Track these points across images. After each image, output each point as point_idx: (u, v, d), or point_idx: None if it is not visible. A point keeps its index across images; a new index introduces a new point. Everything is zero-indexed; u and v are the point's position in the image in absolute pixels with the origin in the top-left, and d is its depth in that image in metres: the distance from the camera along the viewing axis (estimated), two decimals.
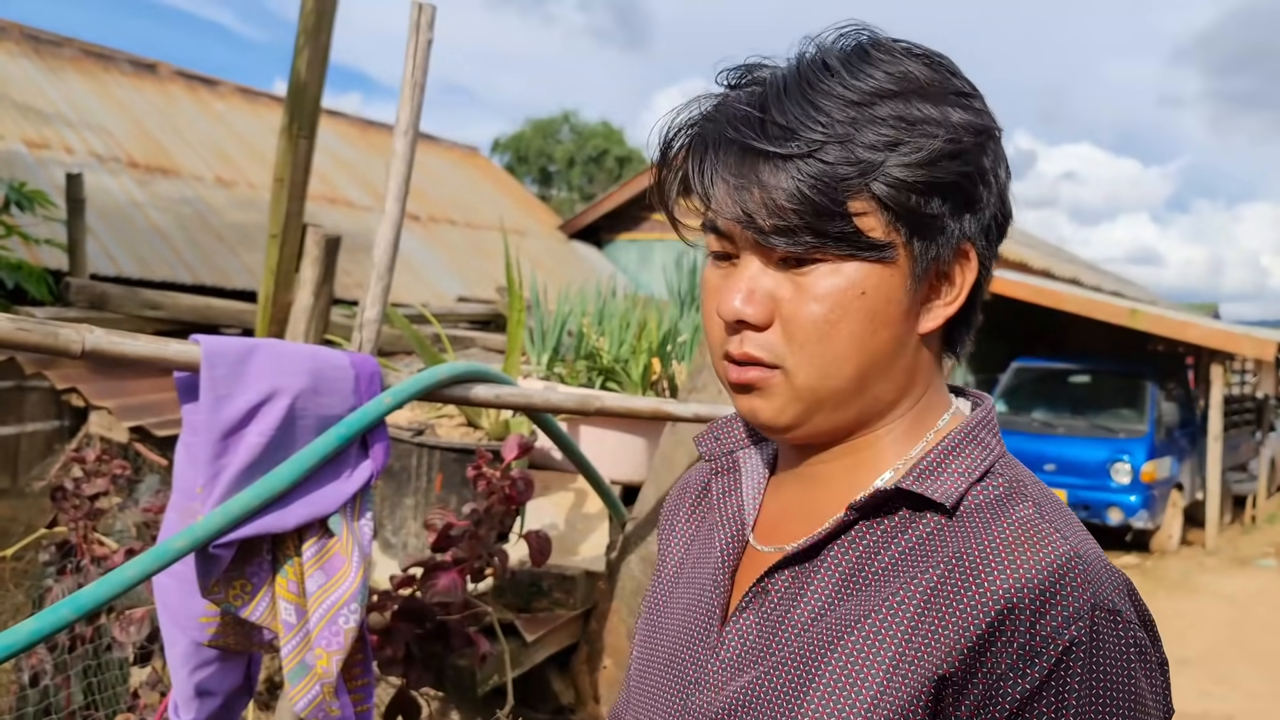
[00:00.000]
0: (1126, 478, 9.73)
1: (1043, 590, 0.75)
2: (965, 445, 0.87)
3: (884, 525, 0.84)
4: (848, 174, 0.79)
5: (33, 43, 10.09)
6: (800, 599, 0.85)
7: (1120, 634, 0.77)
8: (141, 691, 2.57)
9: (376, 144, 12.98)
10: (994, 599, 0.76)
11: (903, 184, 0.80)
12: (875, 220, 0.81)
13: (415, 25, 1.98)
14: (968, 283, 0.86)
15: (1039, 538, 0.79)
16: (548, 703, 2.92)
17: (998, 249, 0.89)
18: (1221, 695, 6.26)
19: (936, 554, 0.80)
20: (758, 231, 0.81)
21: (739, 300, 0.84)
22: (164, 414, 3.37)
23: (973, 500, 0.83)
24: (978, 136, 0.83)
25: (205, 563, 1.71)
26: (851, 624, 0.81)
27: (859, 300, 0.82)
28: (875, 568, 0.83)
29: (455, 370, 2.03)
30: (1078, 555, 0.78)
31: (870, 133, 0.79)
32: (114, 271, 7.46)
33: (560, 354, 3.53)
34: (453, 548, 2.33)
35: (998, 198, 0.86)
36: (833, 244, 0.81)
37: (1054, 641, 0.74)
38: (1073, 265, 16.30)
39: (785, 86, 0.82)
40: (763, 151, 0.80)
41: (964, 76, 0.86)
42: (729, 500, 0.97)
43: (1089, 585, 0.77)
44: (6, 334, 1.52)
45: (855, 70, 0.81)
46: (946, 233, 0.83)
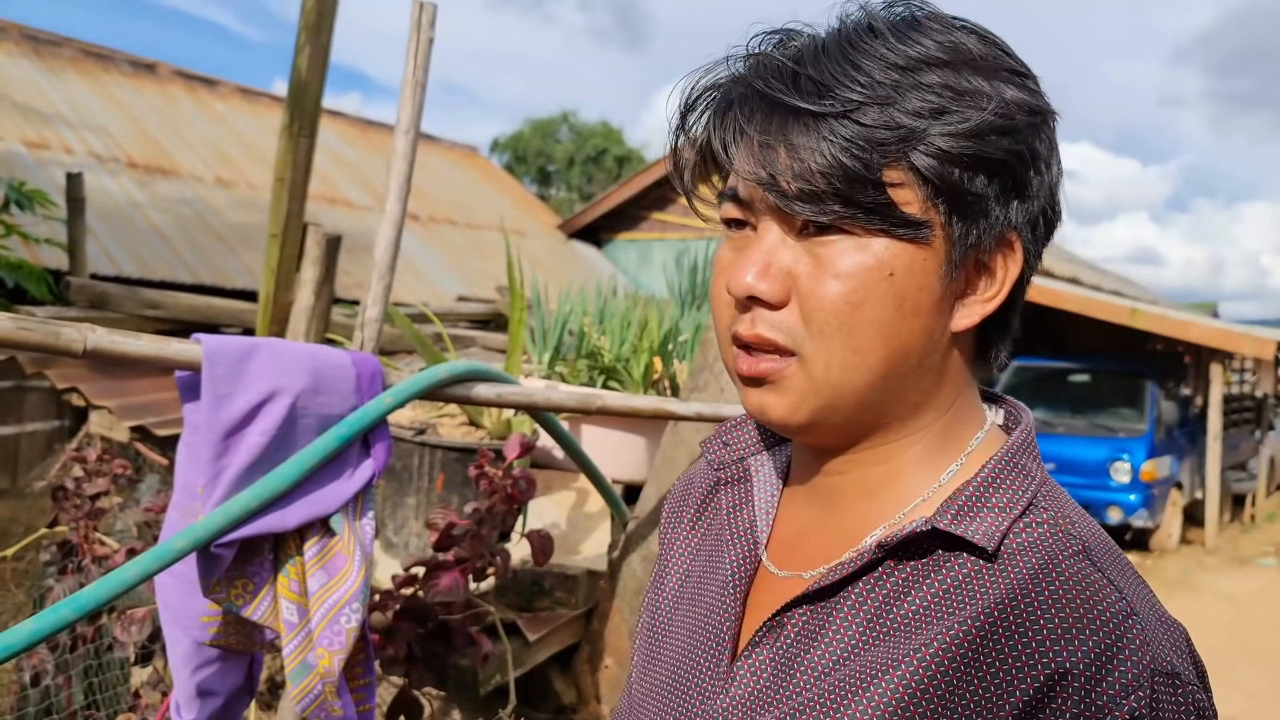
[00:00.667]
0: (1126, 477, 9.74)
1: (1098, 654, 0.68)
2: (1006, 476, 0.78)
3: (914, 564, 0.76)
4: (885, 139, 0.71)
5: (32, 43, 10.08)
6: (819, 639, 0.77)
7: (1181, 699, 0.70)
8: (143, 691, 2.56)
9: (376, 144, 12.98)
10: (1044, 660, 0.69)
11: (946, 155, 0.72)
12: (912, 193, 0.72)
13: (416, 24, 1.98)
14: (1010, 278, 0.77)
15: (1092, 593, 0.71)
16: (549, 702, 2.92)
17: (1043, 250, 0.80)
18: (1222, 695, 6.24)
19: (976, 602, 0.72)
20: (780, 195, 0.73)
21: (752, 274, 0.75)
22: (164, 413, 3.37)
23: (1015, 541, 0.75)
24: (1032, 116, 0.75)
25: (207, 562, 1.71)
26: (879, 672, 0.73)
27: (886, 282, 0.73)
28: (904, 610, 0.75)
29: (457, 369, 2.02)
30: (1134, 614, 0.71)
31: (914, 98, 0.72)
32: (113, 271, 7.45)
33: (561, 353, 3.53)
34: (455, 547, 2.33)
35: (1048, 189, 0.78)
36: (863, 215, 0.72)
37: (1112, 711, 0.68)
38: (1073, 264, 16.30)
39: (824, 46, 0.74)
40: (793, 108, 0.72)
41: (1018, 56, 0.78)
42: (740, 515, 0.88)
43: (1147, 648, 0.70)
44: (8, 333, 1.52)
45: (902, 35, 0.74)
46: (990, 217, 0.75)
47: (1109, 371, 10.92)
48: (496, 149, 30.88)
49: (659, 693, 0.87)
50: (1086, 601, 0.71)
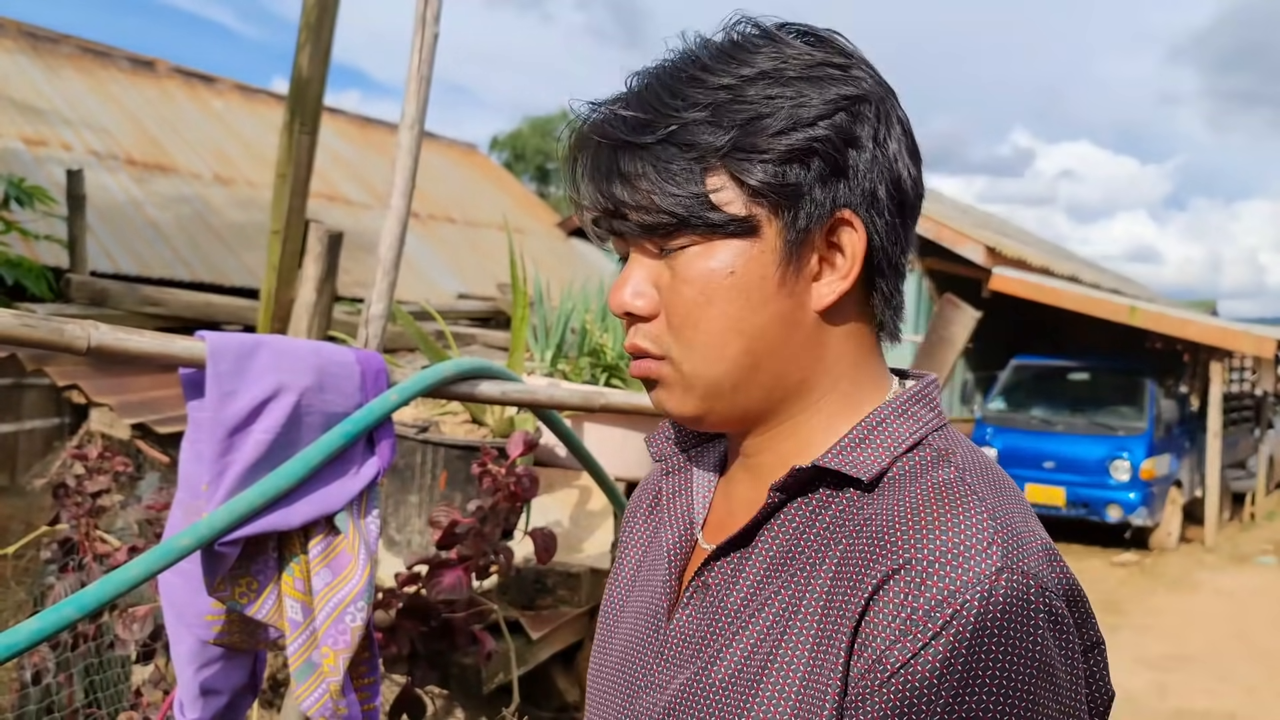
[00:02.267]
0: (1125, 475, 9.75)
1: (944, 550, 0.72)
2: (892, 419, 0.84)
3: (811, 505, 0.83)
4: (700, 152, 0.79)
5: (30, 40, 10.05)
6: (735, 584, 0.84)
7: (1030, 599, 0.72)
8: (144, 689, 2.55)
9: (375, 142, 12.96)
10: (891, 557, 0.73)
11: (756, 155, 0.79)
12: (733, 195, 0.80)
13: (421, 19, 1.97)
14: (858, 252, 0.82)
15: (951, 498, 0.76)
16: (552, 700, 2.91)
17: (901, 219, 0.85)
18: (1222, 692, 6.26)
19: (851, 524, 0.79)
20: (622, 222, 0.82)
21: (626, 293, 0.85)
22: (165, 411, 3.36)
23: (895, 472, 0.81)
24: (847, 103, 0.81)
25: (211, 560, 1.70)
26: (770, 600, 0.80)
27: (729, 280, 0.81)
28: (801, 547, 0.81)
29: (461, 367, 2.02)
30: (992, 517, 0.74)
31: (730, 112, 0.79)
32: (112, 269, 7.43)
33: (564, 351, 3.52)
34: (457, 545, 2.32)
35: (881, 163, 0.82)
36: (693, 225, 0.80)
37: (947, 603, 0.70)
38: (1071, 263, 16.30)
39: (648, 82, 0.83)
40: (622, 143, 0.81)
41: (848, 50, 0.84)
42: (678, 500, 0.96)
43: (999, 546, 0.73)
44: (12, 330, 1.51)
45: (723, 57, 0.81)
46: (814, 201, 0.80)
47: (1108, 370, 10.93)
48: (495, 147, 30.85)
49: (610, 671, 0.94)
50: (943, 505, 0.75)
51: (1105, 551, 10.04)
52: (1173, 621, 7.73)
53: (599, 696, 0.95)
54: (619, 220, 0.83)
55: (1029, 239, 17.01)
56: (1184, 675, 6.51)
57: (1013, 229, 18.03)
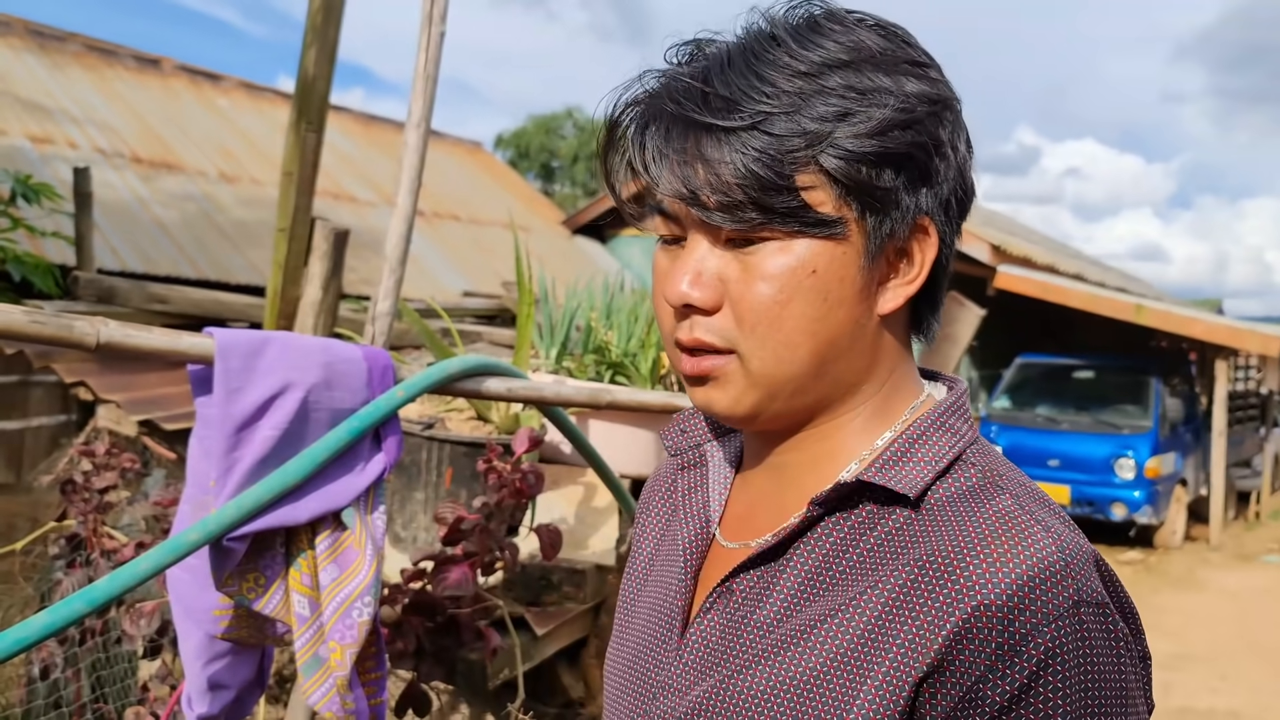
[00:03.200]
0: (1130, 473, 9.74)
1: (1021, 586, 0.72)
2: (932, 432, 0.83)
3: (851, 521, 0.81)
4: (794, 146, 0.76)
5: (37, 38, 10.07)
6: (765, 599, 0.82)
7: (1108, 629, 0.74)
8: (151, 684, 2.57)
9: (380, 140, 12.97)
10: (968, 596, 0.72)
11: (852, 155, 0.76)
12: (825, 194, 0.77)
13: (428, 17, 1.98)
14: (928, 260, 0.82)
15: (1017, 531, 0.75)
16: (557, 697, 2.92)
17: (960, 227, 0.86)
18: (1226, 691, 6.25)
19: (906, 550, 0.77)
20: (701, 209, 0.78)
21: (685, 283, 0.80)
22: (172, 408, 3.37)
23: (944, 492, 0.79)
24: (933, 106, 0.79)
25: (219, 556, 1.71)
26: (817, 623, 0.78)
27: (810, 279, 0.78)
28: (842, 566, 0.79)
29: (467, 364, 2.02)
30: (1060, 548, 0.74)
31: (819, 103, 0.76)
32: (118, 266, 7.45)
33: (569, 348, 3.53)
34: (463, 541, 2.33)
35: (956, 171, 0.82)
36: (780, 220, 0.77)
37: (1034, 640, 0.71)
38: (1077, 261, 16.28)
39: (729, 59, 0.79)
40: (705, 125, 0.77)
41: (920, 46, 0.83)
42: (694, 496, 0.94)
43: (1072, 580, 0.73)
44: (22, 327, 1.52)
45: (804, 40, 0.78)
46: (901, 207, 0.79)
47: (1113, 368, 10.91)
48: (500, 145, 30.85)
49: (624, 668, 0.93)
50: (1011, 539, 0.74)
51: (1110, 550, 10.03)
52: (1177, 620, 7.72)
53: (616, 691, 0.94)
54: (695, 206, 0.78)
55: (1034, 237, 16.99)
56: (1188, 674, 6.51)
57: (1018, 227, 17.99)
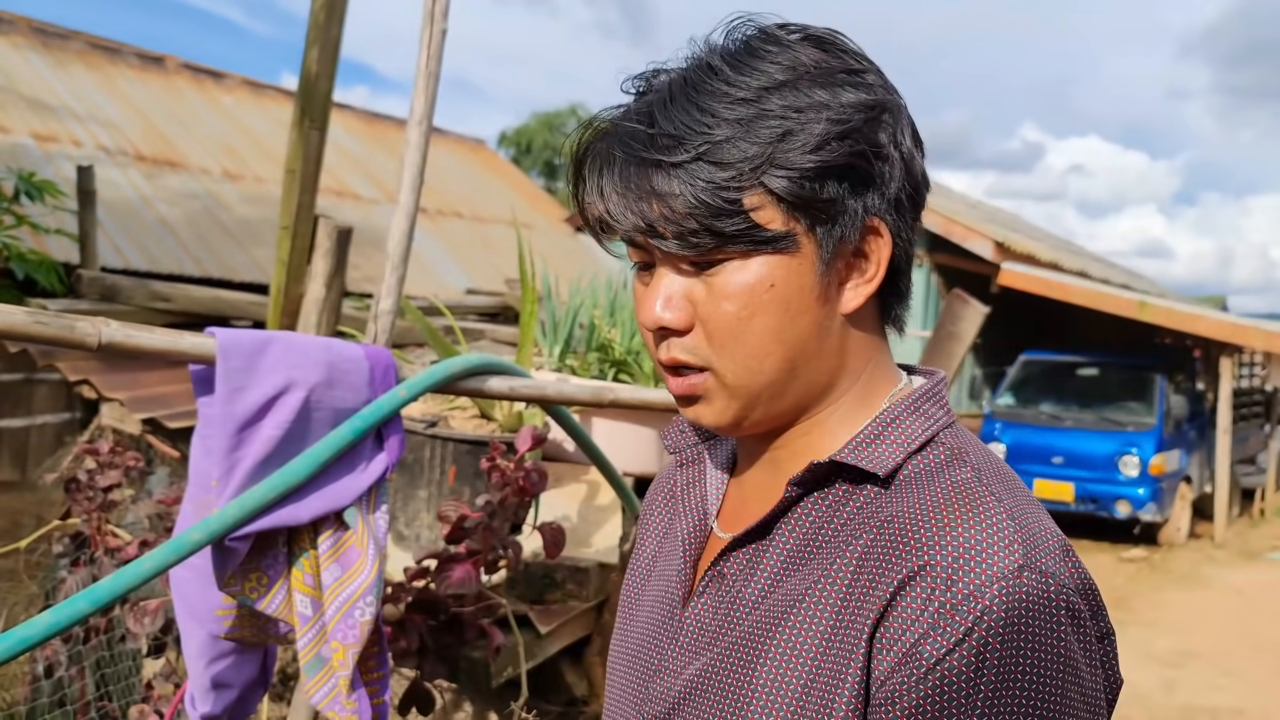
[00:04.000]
0: (1135, 471, 9.72)
1: (967, 549, 0.75)
2: (905, 416, 0.87)
3: (828, 499, 0.86)
4: (739, 171, 0.79)
5: (40, 36, 10.08)
6: (752, 576, 0.86)
7: (1051, 596, 0.75)
8: (155, 683, 2.57)
9: (383, 137, 12.97)
10: (915, 556, 0.76)
11: (794, 173, 0.80)
12: (772, 212, 0.81)
13: (430, 15, 1.97)
14: (883, 258, 0.86)
15: (970, 499, 0.79)
16: (561, 695, 2.92)
17: (914, 220, 0.89)
18: (1230, 688, 6.24)
19: (871, 520, 0.81)
20: (660, 239, 0.83)
21: (658, 307, 0.85)
22: (176, 406, 3.38)
23: (912, 469, 0.84)
24: (870, 112, 0.83)
25: (221, 555, 1.71)
26: (795, 599, 0.82)
27: (769, 293, 0.83)
28: (819, 541, 0.84)
29: (470, 363, 2.02)
30: (1010, 517, 0.78)
31: (760, 127, 0.80)
32: (121, 264, 7.46)
33: (572, 346, 3.52)
34: (466, 540, 2.33)
35: (902, 169, 0.85)
36: (733, 242, 0.81)
37: (974, 599, 0.73)
38: (1080, 258, 16.25)
39: (672, 94, 0.83)
40: (654, 161, 0.81)
41: (856, 52, 0.86)
42: (692, 491, 0.99)
43: (1019, 545, 0.76)
44: (24, 327, 1.52)
45: (740, 66, 0.82)
46: (849, 213, 0.83)
47: (1117, 365, 10.90)
48: (503, 142, 30.83)
49: (627, 657, 0.97)
50: (963, 505, 0.78)
51: (1114, 547, 10.02)
52: (1181, 617, 7.71)
53: (617, 681, 0.98)
54: (654, 238, 0.83)
55: (1038, 234, 16.96)
56: (1192, 671, 6.50)
57: (1022, 224, 17.97)
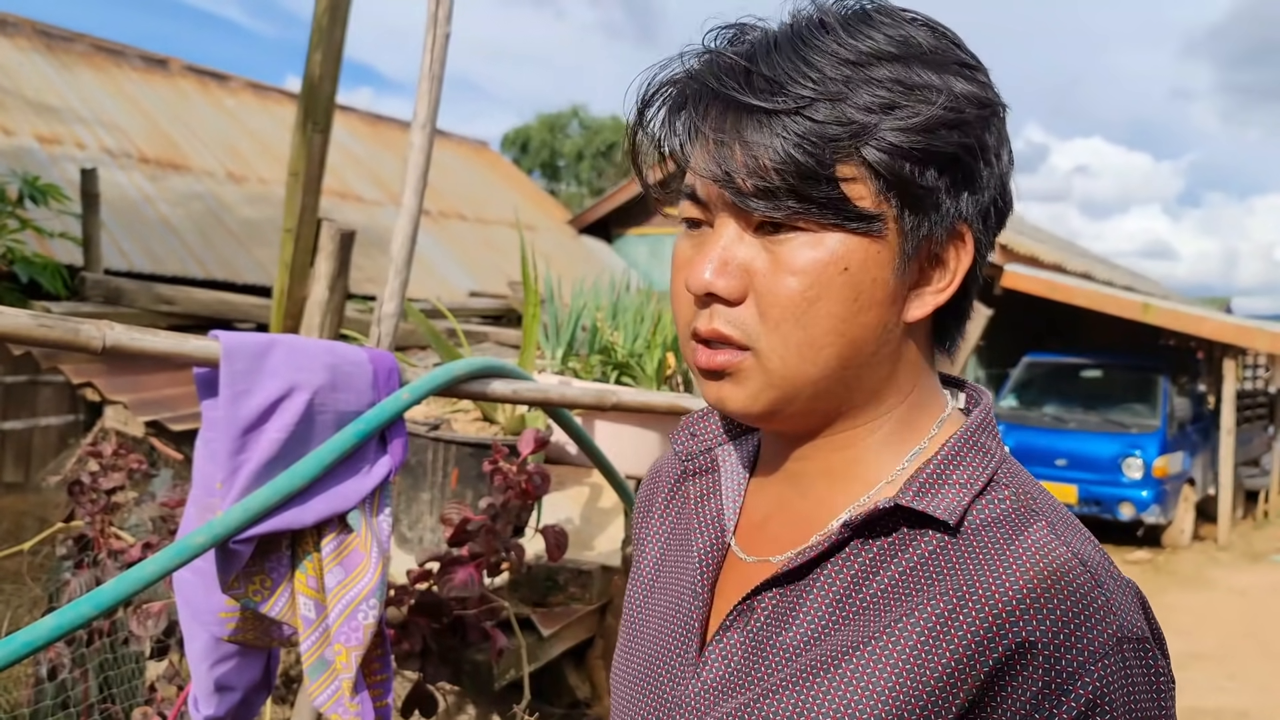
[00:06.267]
0: (1138, 473, 9.71)
1: (1063, 624, 0.70)
2: (966, 454, 0.80)
3: (880, 543, 0.78)
4: (838, 134, 0.72)
5: (44, 38, 10.11)
6: (791, 621, 0.78)
7: (1149, 665, 0.73)
8: (159, 685, 2.57)
9: (387, 139, 12.99)
10: (1010, 632, 0.70)
11: (897, 150, 0.73)
12: (865, 188, 0.74)
13: (433, 19, 1.97)
14: (962, 268, 0.79)
15: (1056, 565, 0.73)
16: (563, 697, 2.92)
17: (995, 239, 0.82)
18: (1235, 690, 6.24)
19: (944, 578, 0.74)
20: (736, 193, 0.74)
21: (710, 271, 0.76)
22: (179, 408, 3.38)
23: (978, 516, 0.77)
24: (982, 109, 0.76)
25: (225, 558, 1.71)
26: (849, 650, 0.75)
27: (841, 277, 0.75)
28: (873, 589, 0.76)
29: (473, 366, 2.02)
30: (1098, 584, 0.73)
31: (865, 93, 0.72)
32: (125, 266, 7.47)
33: (575, 348, 3.53)
34: (469, 542, 2.33)
35: (999, 180, 0.79)
36: (817, 210, 0.73)
37: (1081, 679, 0.69)
38: (1085, 259, 16.23)
39: (776, 42, 0.75)
40: (747, 105, 0.73)
41: (969, 49, 0.79)
42: (708, 504, 0.90)
43: (1112, 616, 0.72)
44: (28, 330, 1.52)
45: (854, 30, 0.75)
46: (941, 209, 0.76)
47: (1121, 367, 10.89)
48: (506, 144, 30.85)
49: (633, 679, 0.89)
50: (1051, 573, 0.72)
51: (1118, 549, 10.01)
52: (1185, 619, 7.70)
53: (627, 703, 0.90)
54: (729, 188, 0.74)
55: (1041, 235, 16.94)
56: (1197, 673, 6.49)
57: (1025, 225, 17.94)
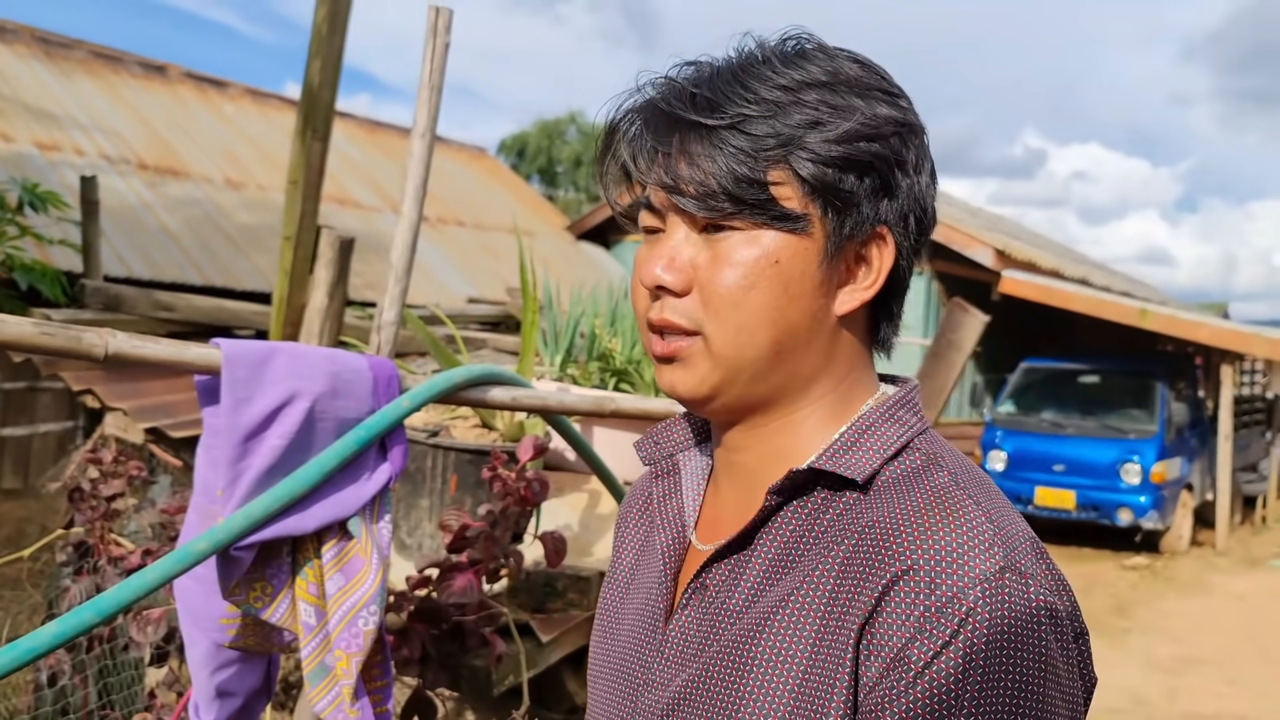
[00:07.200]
0: (1136, 478, 9.72)
1: (948, 552, 0.77)
2: (880, 423, 0.89)
3: (808, 507, 0.87)
4: (768, 145, 0.83)
5: (43, 45, 10.12)
6: (736, 586, 0.87)
7: (1030, 597, 0.77)
8: (158, 691, 2.58)
9: (385, 145, 13.00)
10: (898, 560, 0.77)
11: (819, 158, 0.83)
12: (792, 191, 0.84)
13: (433, 28, 1.99)
14: (885, 267, 0.89)
15: (949, 503, 0.80)
16: (562, 703, 2.93)
17: (919, 249, 0.91)
18: (1234, 695, 6.24)
19: (852, 525, 0.83)
20: (681, 197, 0.85)
21: (660, 267, 0.87)
22: (179, 415, 3.39)
23: (889, 474, 0.85)
24: (899, 128, 0.86)
25: (226, 565, 1.72)
26: (778, 605, 0.83)
27: (773, 269, 0.85)
28: (800, 548, 0.85)
29: (472, 373, 2.03)
30: (989, 519, 0.79)
31: (795, 112, 0.83)
32: (124, 273, 7.48)
33: (573, 355, 3.54)
34: (468, 549, 2.34)
35: (917, 192, 0.89)
36: (750, 211, 0.84)
37: (958, 602, 0.75)
38: (1082, 265, 16.25)
39: (719, 70, 0.87)
40: (690, 122, 0.84)
41: (893, 81, 0.90)
42: (669, 503, 0.99)
43: (998, 548, 0.77)
44: (31, 338, 1.53)
45: (788, 61, 0.86)
46: (862, 212, 0.86)
47: (1119, 372, 10.90)
48: (504, 150, 30.87)
49: (609, 673, 0.98)
50: (942, 509, 0.80)
51: (1116, 555, 10.01)
52: (1184, 625, 7.71)
53: (602, 696, 0.98)
54: (675, 194, 0.85)
55: (1039, 241, 16.97)
56: (1195, 678, 6.50)
57: (1023, 231, 17.98)
